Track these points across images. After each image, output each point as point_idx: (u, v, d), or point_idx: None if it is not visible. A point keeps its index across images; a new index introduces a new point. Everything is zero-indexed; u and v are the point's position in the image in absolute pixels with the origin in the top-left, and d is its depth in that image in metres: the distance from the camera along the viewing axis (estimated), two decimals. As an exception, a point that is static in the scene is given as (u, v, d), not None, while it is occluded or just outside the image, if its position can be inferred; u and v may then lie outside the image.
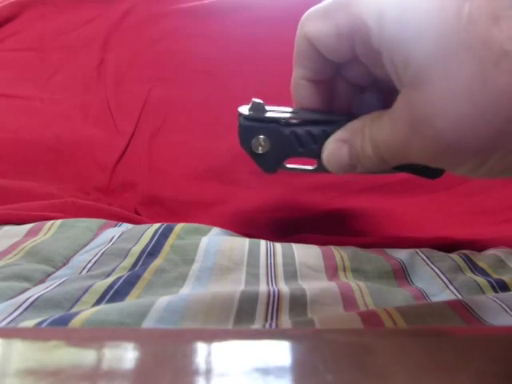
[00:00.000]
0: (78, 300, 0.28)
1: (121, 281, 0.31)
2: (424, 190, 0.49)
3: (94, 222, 0.42)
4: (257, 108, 0.25)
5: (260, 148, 0.26)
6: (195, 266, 0.34)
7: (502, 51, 0.16)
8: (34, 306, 0.27)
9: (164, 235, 0.38)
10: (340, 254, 0.38)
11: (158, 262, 0.34)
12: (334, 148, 0.24)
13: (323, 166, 0.25)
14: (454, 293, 0.34)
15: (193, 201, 0.51)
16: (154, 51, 0.61)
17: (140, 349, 0.16)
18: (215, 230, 0.42)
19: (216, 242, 0.38)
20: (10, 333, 0.19)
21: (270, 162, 0.26)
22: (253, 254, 0.37)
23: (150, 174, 0.53)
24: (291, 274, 0.35)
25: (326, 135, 0.24)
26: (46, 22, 0.66)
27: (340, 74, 0.25)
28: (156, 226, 0.40)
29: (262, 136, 0.25)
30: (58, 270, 0.34)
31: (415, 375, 0.14)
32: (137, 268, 0.34)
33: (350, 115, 0.24)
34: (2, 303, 0.27)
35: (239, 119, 0.26)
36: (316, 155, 0.25)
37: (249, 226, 0.47)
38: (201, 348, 0.16)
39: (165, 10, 0.64)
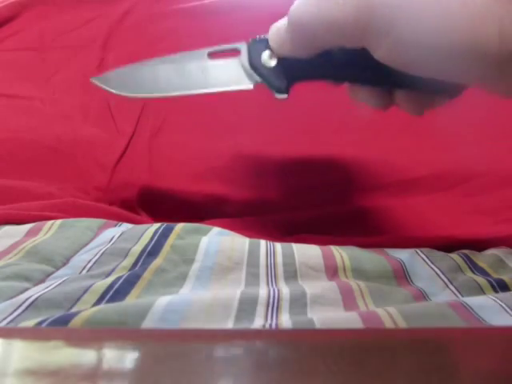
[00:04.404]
0: (77, 300, 0.28)
1: (121, 280, 0.31)
2: (424, 190, 0.49)
3: (94, 222, 0.42)
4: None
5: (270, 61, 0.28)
6: (195, 266, 0.34)
7: None
8: (34, 305, 0.27)
9: (164, 235, 0.38)
10: (340, 253, 0.38)
11: (158, 262, 0.34)
12: None
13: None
14: (454, 293, 0.34)
15: (193, 201, 0.51)
16: (154, 51, 0.61)
17: (140, 349, 0.16)
18: (215, 230, 0.42)
19: (216, 242, 0.38)
20: (10, 333, 0.19)
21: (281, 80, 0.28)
22: (253, 254, 0.37)
23: (150, 174, 0.53)
24: (291, 274, 0.35)
25: None
26: (46, 22, 0.66)
27: None
28: (156, 225, 0.40)
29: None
30: (57, 269, 0.34)
31: (415, 375, 0.14)
32: (137, 268, 0.34)
33: None
34: (2, 303, 0.27)
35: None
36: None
37: (249, 225, 0.47)
38: (201, 348, 0.16)
39: (165, 10, 0.64)
